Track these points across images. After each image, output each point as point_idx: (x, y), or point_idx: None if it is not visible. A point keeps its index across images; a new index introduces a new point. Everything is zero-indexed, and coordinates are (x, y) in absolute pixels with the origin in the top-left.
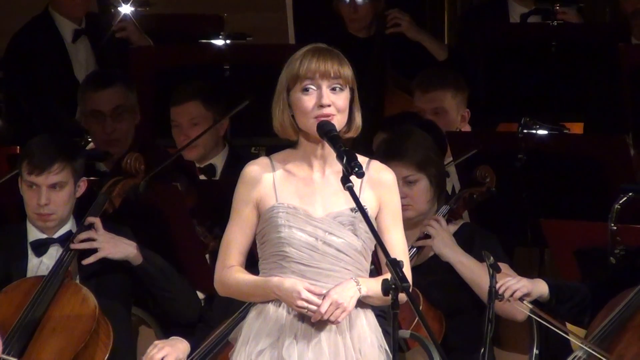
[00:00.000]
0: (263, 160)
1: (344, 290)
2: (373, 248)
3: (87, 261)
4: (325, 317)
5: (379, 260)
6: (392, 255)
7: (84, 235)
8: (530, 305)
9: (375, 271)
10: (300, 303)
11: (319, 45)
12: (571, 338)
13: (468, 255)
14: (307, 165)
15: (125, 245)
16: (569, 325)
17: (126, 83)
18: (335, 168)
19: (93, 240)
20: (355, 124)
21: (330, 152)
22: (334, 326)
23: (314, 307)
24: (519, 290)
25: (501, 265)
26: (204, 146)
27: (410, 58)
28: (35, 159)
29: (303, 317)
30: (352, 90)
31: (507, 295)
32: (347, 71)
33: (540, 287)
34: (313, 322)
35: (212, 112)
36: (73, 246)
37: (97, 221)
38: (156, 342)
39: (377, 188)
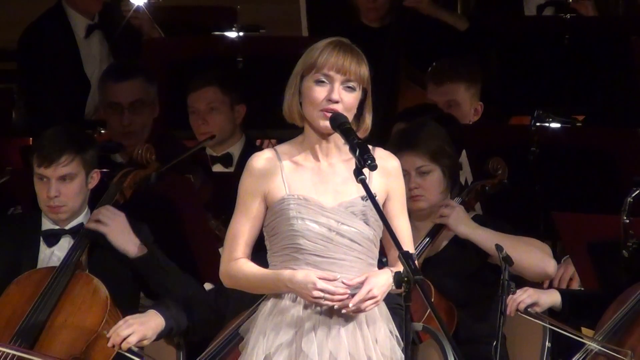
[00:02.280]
0: (268, 152)
1: (379, 281)
2: (381, 235)
3: (88, 225)
4: (359, 306)
5: (385, 247)
6: (400, 241)
7: (96, 214)
8: (533, 312)
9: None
10: (317, 293)
11: (342, 40)
12: (583, 340)
13: (484, 227)
14: (313, 156)
15: (128, 240)
16: None
17: (147, 77)
18: (343, 157)
19: (105, 220)
20: (365, 125)
21: (335, 144)
22: (351, 317)
23: (330, 297)
24: (523, 301)
25: None
26: (220, 132)
27: (425, 49)
28: (44, 151)
29: (320, 309)
30: (365, 92)
31: (512, 309)
32: (364, 71)
33: (551, 297)
34: (330, 314)
35: (229, 98)
36: (87, 225)
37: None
38: (127, 317)
39: (384, 176)
